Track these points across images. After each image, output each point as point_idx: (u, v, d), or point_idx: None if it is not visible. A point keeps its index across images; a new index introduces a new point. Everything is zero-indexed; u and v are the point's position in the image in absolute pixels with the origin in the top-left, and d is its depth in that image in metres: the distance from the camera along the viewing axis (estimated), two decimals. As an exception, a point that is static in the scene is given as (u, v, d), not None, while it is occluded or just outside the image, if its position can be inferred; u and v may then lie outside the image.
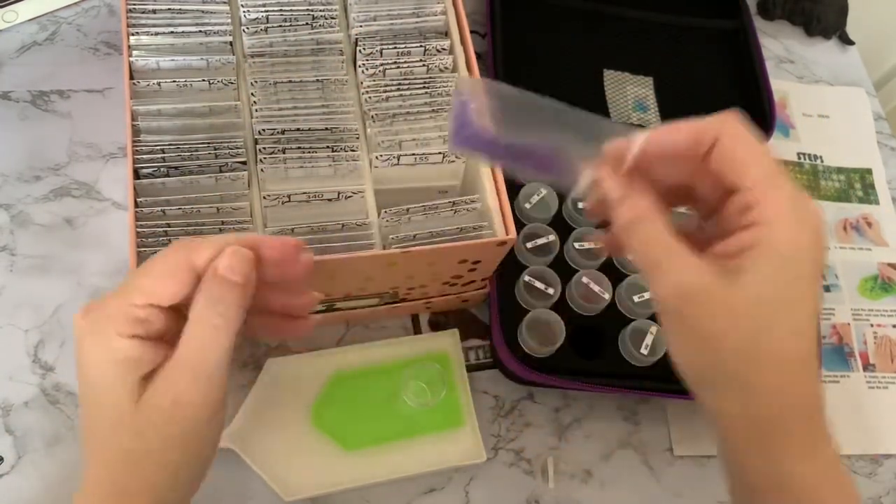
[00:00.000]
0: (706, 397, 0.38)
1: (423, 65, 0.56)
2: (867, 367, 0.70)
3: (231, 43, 0.55)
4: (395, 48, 0.56)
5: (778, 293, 0.34)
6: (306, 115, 0.54)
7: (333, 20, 0.56)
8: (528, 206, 0.65)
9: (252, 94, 0.54)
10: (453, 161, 0.54)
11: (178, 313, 0.37)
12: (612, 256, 0.63)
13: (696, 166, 0.36)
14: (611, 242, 0.40)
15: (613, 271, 0.64)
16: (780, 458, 0.37)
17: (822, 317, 0.69)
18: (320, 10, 0.56)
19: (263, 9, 0.55)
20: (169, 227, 0.49)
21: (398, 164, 0.54)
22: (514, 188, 0.65)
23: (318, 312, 0.60)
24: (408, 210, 0.52)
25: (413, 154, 0.53)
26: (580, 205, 0.65)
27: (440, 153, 0.54)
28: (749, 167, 0.35)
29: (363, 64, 0.56)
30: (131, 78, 0.53)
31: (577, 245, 0.64)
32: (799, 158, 0.80)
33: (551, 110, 0.39)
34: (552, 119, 0.39)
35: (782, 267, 0.34)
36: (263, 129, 0.53)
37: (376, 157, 0.53)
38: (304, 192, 0.52)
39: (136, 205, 0.49)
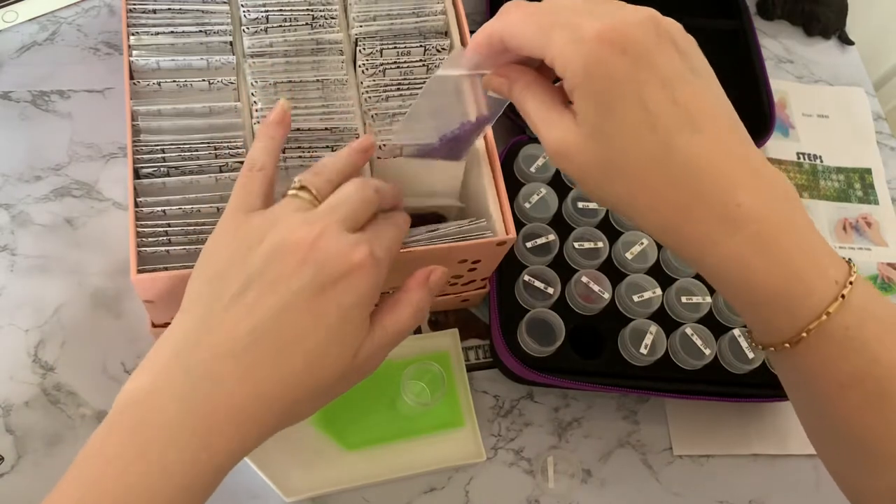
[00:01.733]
0: (619, 215, 0.42)
1: (423, 65, 0.56)
2: (867, 366, 0.70)
3: (231, 43, 0.55)
4: (395, 48, 0.56)
5: (598, 119, 0.38)
6: (306, 115, 0.54)
7: (333, 20, 0.57)
8: (527, 205, 0.65)
9: (252, 94, 0.54)
10: None
11: None
12: None
13: None
14: None
15: (613, 271, 0.64)
16: (689, 249, 0.39)
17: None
18: (320, 10, 0.56)
19: (263, 9, 0.55)
20: (169, 226, 0.49)
21: (400, 156, 0.54)
22: (514, 188, 0.65)
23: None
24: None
25: (416, 146, 0.53)
26: (580, 205, 0.66)
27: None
28: (526, 45, 0.39)
29: (363, 64, 0.56)
30: (131, 78, 0.53)
31: (576, 245, 0.64)
32: (798, 158, 0.80)
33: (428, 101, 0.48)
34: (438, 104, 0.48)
35: (588, 96, 0.37)
36: (263, 129, 0.53)
37: (379, 148, 0.53)
38: (305, 192, 0.52)
39: (137, 205, 0.49)
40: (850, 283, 0.39)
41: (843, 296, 0.38)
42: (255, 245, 0.41)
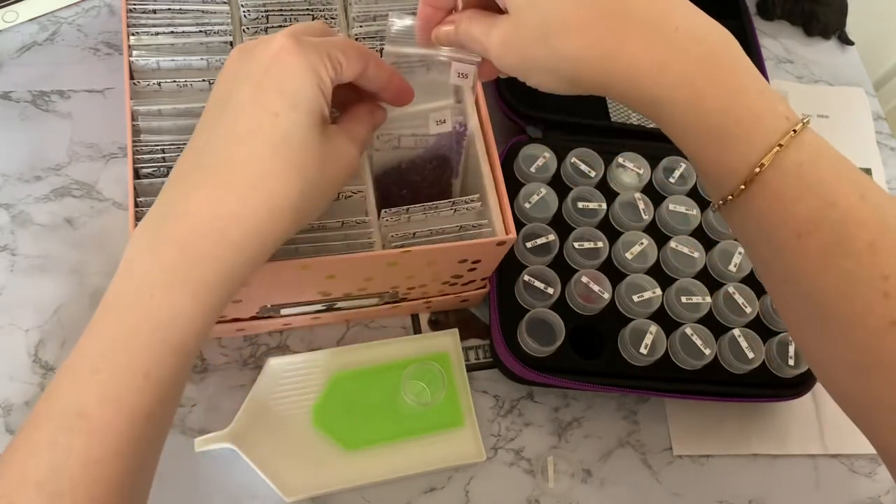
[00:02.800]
0: (579, 90, 0.42)
1: (424, 65, 0.56)
2: (866, 366, 0.70)
3: (231, 43, 0.55)
4: (395, 48, 0.56)
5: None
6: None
7: (333, 20, 0.57)
8: (527, 205, 0.65)
9: (252, 94, 0.54)
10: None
11: None
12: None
13: None
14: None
15: (613, 271, 0.64)
16: (636, 84, 0.39)
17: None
18: (320, 10, 0.56)
19: (264, 9, 0.55)
20: (169, 226, 0.49)
21: (399, 148, 0.54)
22: (514, 188, 0.65)
23: (318, 312, 0.60)
24: (408, 210, 0.52)
25: (413, 136, 0.54)
26: (580, 205, 0.66)
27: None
28: None
29: (363, 64, 0.56)
30: (131, 78, 0.53)
31: (576, 245, 0.64)
32: (798, 158, 0.80)
33: None
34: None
35: None
36: (263, 129, 0.53)
37: (377, 138, 0.53)
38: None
39: (137, 205, 0.49)
40: (803, 122, 0.39)
41: (794, 131, 0.38)
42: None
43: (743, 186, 0.39)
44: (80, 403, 0.37)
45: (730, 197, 0.40)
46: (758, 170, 0.38)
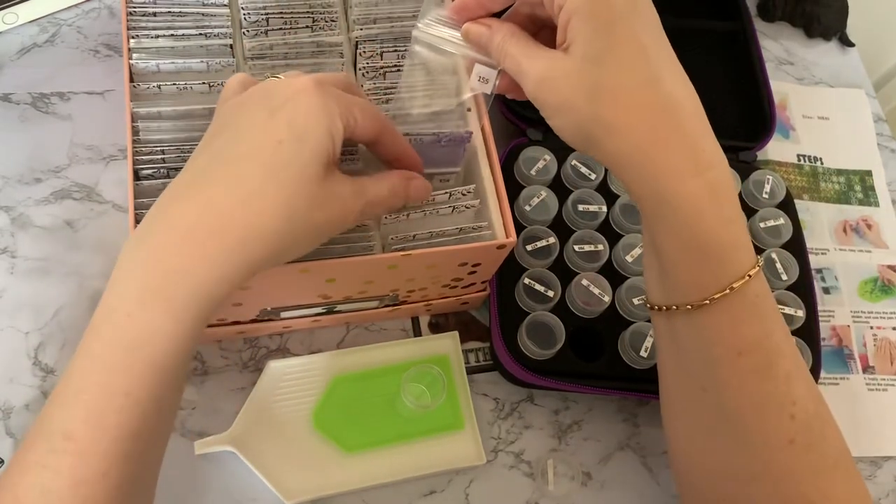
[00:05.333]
0: (589, 151, 0.44)
1: (424, 68, 0.56)
2: (867, 369, 0.70)
3: (231, 45, 0.55)
4: (396, 51, 0.56)
5: (597, 41, 0.40)
6: (306, 118, 0.53)
7: (334, 22, 0.57)
8: (528, 208, 0.65)
9: (252, 96, 0.54)
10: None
11: None
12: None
13: None
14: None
15: (613, 273, 0.64)
16: (655, 178, 0.42)
17: (822, 319, 0.69)
18: (320, 13, 0.56)
19: (264, 11, 0.55)
20: (169, 229, 0.49)
21: None
22: (514, 191, 0.65)
23: (318, 315, 0.60)
24: (407, 209, 0.52)
25: (409, 137, 0.54)
26: (580, 207, 0.66)
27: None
28: None
29: (363, 66, 0.56)
30: (131, 80, 0.53)
31: (576, 248, 0.64)
32: (799, 160, 0.80)
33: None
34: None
35: (590, 19, 0.40)
36: (263, 132, 0.53)
37: None
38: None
39: (137, 207, 0.49)
40: (761, 258, 0.43)
41: (758, 266, 0.43)
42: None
43: (707, 301, 0.42)
44: (67, 425, 0.37)
45: (688, 306, 0.43)
46: (728, 291, 0.42)
